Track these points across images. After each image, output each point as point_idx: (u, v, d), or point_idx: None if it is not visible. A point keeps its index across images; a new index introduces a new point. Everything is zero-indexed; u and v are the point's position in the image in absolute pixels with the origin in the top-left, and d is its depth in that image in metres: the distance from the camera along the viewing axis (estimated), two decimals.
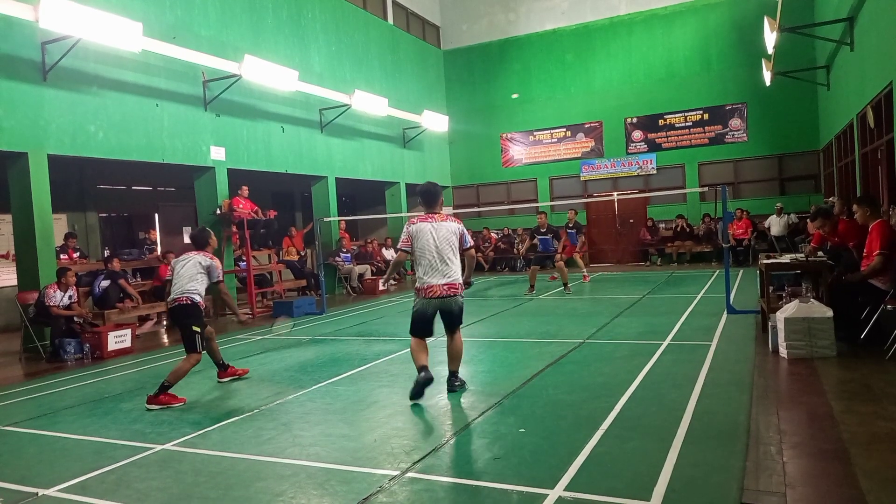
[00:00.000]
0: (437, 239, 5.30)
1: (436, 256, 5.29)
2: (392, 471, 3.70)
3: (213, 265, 5.97)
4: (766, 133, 17.28)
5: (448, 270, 5.30)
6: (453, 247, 5.37)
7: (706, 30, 17.84)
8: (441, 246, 5.30)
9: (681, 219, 17.43)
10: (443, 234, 5.33)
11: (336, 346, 8.12)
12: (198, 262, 5.92)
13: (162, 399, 5.53)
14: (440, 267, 5.28)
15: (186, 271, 5.88)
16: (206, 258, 5.99)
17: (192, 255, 6.02)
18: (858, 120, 10.86)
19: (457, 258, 5.39)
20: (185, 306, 5.81)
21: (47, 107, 9.15)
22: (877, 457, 3.49)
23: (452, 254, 5.35)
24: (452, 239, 5.37)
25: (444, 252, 5.30)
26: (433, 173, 20.24)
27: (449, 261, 5.31)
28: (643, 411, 4.51)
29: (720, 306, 8.86)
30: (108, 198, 15.06)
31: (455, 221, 5.47)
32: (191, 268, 5.89)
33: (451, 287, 5.29)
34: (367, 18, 17.20)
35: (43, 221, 9.09)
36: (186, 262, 5.94)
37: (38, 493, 3.72)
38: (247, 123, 12.81)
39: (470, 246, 5.49)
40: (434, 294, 5.28)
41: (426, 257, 5.30)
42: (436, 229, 5.33)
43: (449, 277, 5.29)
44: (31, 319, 8.69)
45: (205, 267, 5.93)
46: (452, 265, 5.33)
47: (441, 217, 5.44)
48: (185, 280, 5.84)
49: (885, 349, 5.67)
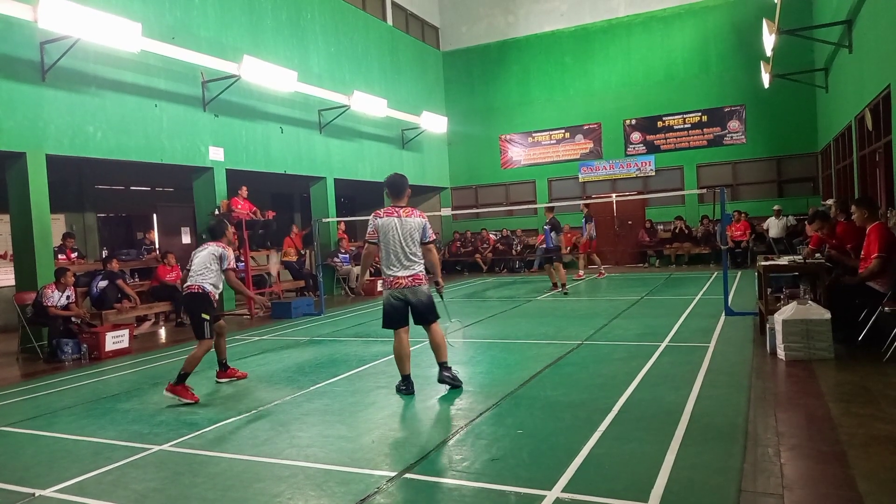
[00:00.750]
0: (401, 233, 5.42)
1: (400, 251, 5.41)
2: (390, 472, 3.69)
3: (224, 253, 6.05)
4: (765, 135, 17.31)
5: (411, 264, 5.43)
6: (416, 241, 5.48)
7: (705, 32, 17.87)
8: (405, 240, 5.42)
9: (679, 220, 17.45)
10: (407, 228, 5.45)
11: (334, 347, 8.11)
12: (211, 252, 6.02)
13: (178, 390, 5.66)
14: (403, 261, 5.42)
15: (200, 261, 6.02)
16: (218, 247, 6.07)
17: (207, 245, 6.14)
18: (857, 122, 10.88)
19: (418, 249, 5.50)
20: (195, 294, 5.91)
21: (46, 107, 9.14)
22: (875, 459, 3.49)
23: (416, 248, 5.48)
24: (416, 234, 5.48)
25: (407, 246, 5.42)
26: (432, 174, 20.26)
27: (413, 255, 5.44)
28: (641, 413, 4.51)
29: (718, 308, 8.87)
30: (107, 198, 15.05)
31: (419, 216, 5.55)
32: (204, 257, 6.01)
33: (416, 278, 5.43)
34: (367, 19, 17.21)
35: (41, 222, 9.07)
36: (201, 252, 6.10)
37: (35, 493, 3.72)
38: (246, 124, 12.80)
39: (430, 240, 5.56)
40: (397, 285, 5.41)
41: (391, 250, 5.43)
42: (401, 223, 5.44)
43: (412, 270, 5.43)
44: (28, 320, 8.67)
45: (217, 256, 6.02)
46: (416, 259, 5.47)
47: (406, 211, 5.53)
48: (199, 269, 5.98)
49: (882, 351, 5.68)
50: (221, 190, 12.14)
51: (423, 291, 5.48)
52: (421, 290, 5.46)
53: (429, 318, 5.54)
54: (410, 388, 5.51)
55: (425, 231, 5.54)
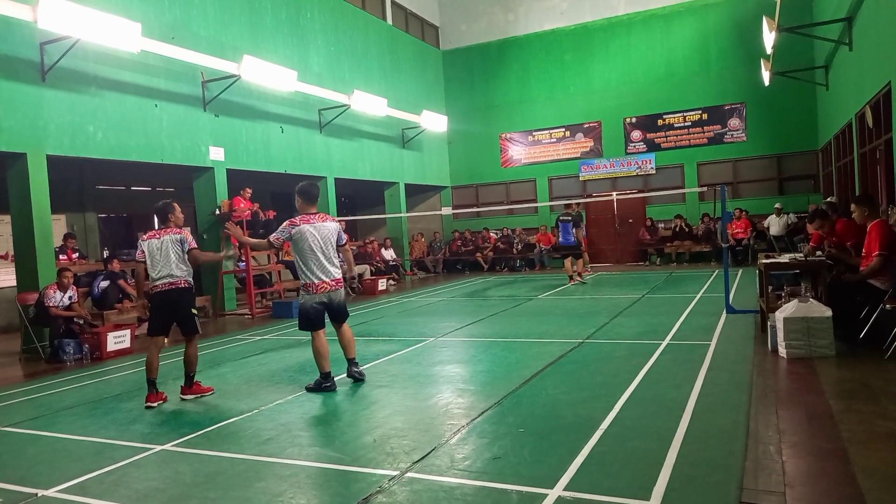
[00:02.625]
0: (320, 239, 5.71)
1: (321, 256, 5.71)
2: (391, 471, 3.70)
3: (183, 237, 5.76)
4: (765, 133, 17.29)
5: (333, 268, 5.77)
6: (334, 245, 5.82)
7: (705, 30, 17.86)
8: (325, 246, 5.74)
9: (680, 219, 17.44)
10: (324, 233, 5.75)
11: (335, 347, 8.09)
12: (174, 241, 5.72)
13: (195, 389, 5.81)
14: (326, 266, 5.73)
15: (166, 255, 5.68)
16: (175, 234, 5.76)
17: (162, 235, 5.75)
18: (857, 120, 10.87)
19: (335, 254, 5.83)
20: (184, 289, 5.78)
21: (46, 107, 9.14)
22: (876, 456, 3.49)
23: (334, 252, 5.81)
24: (332, 238, 5.80)
25: (328, 251, 5.75)
26: (432, 173, 20.26)
27: (332, 259, 5.79)
28: (642, 411, 4.51)
29: (719, 306, 8.87)
30: (107, 198, 15.06)
31: (333, 221, 5.87)
32: (168, 250, 5.69)
33: (337, 282, 5.80)
34: (366, 18, 17.20)
35: (42, 222, 9.08)
36: (162, 245, 5.70)
37: (37, 493, 3.72)
38: (246, 124, 12.81)
39: (345, 242, 5.95)
40: (322, 290, 5.71)
41: (313, 257, 5.69)
42: (317, 230, 5.72)
43: (334, 275, 5.77)
44: (30, 320, 8.68)
45: (178, 241, 5.74)
46: (336, 262, 5.83)
47: (321, 217, 5.83)
48: (172, 264, 5.68)
49: (884, 348, 5.67)
50: (222, 190, 12.15)
51: (340, 295, 5.87)
52: (340, 292, 5.87)
53: (343, 316, 5.95)
54: (333, 384, 5.76)
55: (340, 234, 5.90)
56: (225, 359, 7.69)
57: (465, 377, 5.96)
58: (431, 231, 20.38)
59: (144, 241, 5.80)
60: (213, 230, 12.20)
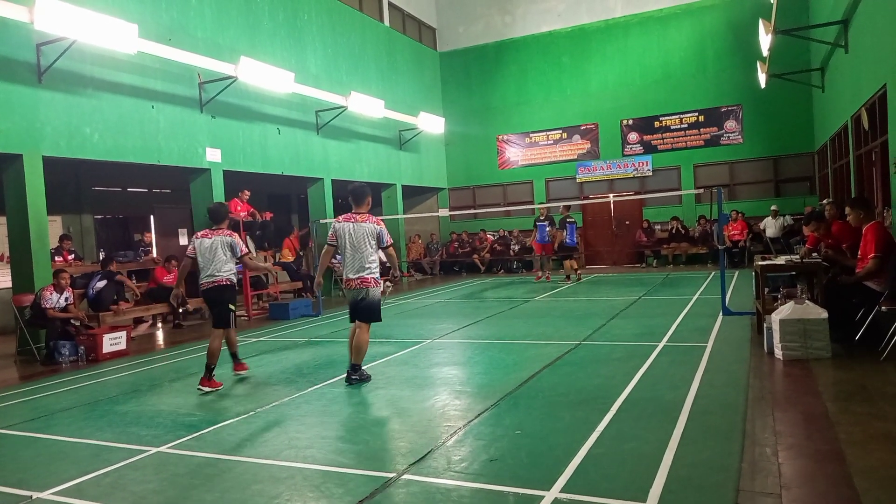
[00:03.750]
0: (354, 238, 5.91)
1: (352, 254, 5.92)
2: (388, 473, 3.69)
3: (234, 242, 6.37)
4: (762, 135, 17.34)
5: (362, 267, 5.90)
6: (370, 245, 5.93)
7: (702, 32, 17.91)
8: (358, 244, 5.90)
9: (676, 220, 17.48)
10: (360, 233, 5.92)
11: (332, 348, 8.11)
12: (224, 244, 6.31)
13: (213, 383, 6.12)
14: (355, 263, 5.91)
15: (216, 254, 6.27)
16: (226, 237, 6.35)
17: (214, 236, 6.34)
18: (853, 122, 10.91)
19: (371, 255, 5.94)
20: (226, 286, 6.30)
21: (42, 108, 9.12)
22: (872, 457, 3.50)
23: (369, 252, 5.92)
24: (369, 239, 5.93)
25: (360, 250, 5.90)
26: (429, 175, 20.26)
27: (365, 258, 5.90)
28: (639, 413, 4.52)
29: (716, 308, 8.88)
30: (104, 200, 15.02)
31: (374, 222, 5.98)
32: (219, 250, 6.28)
33: (363, 281, 5.91)
34: (364, 20, 17.21)
35: (38, 223, 9.05)
36: (213, 243, 6.30)
37: (32, 496, 3.71)
38: (243, 125, 12.79)
39: (387, 244, 6.04)
40: (349, 286, 5.96)
41: (346, 254, 5.98)
42: (354, 229, 5.94)
43: (361, 273, 5.90)
44: (26, 322, 8.65)
45: (228, 244, 6.33)
46: (366, 262, 5.91)
47: (362, 217, 6.01)
48: (220, 262, 6.27)
49: (879, 350, 5.69)
50: (219, 191, 12.12)
51: (367, 293, 5.94)
52: (365, 291, 5.94)
53: (364, 316, 6.00)
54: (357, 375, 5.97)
55: (381, 236, 5.97)
56: (221, 360, 7.64)
57: (462, 379, 5.96)
58: (428, 233, 20.38)
59: (197, 239, 6.40)
60: None
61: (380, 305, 6.06)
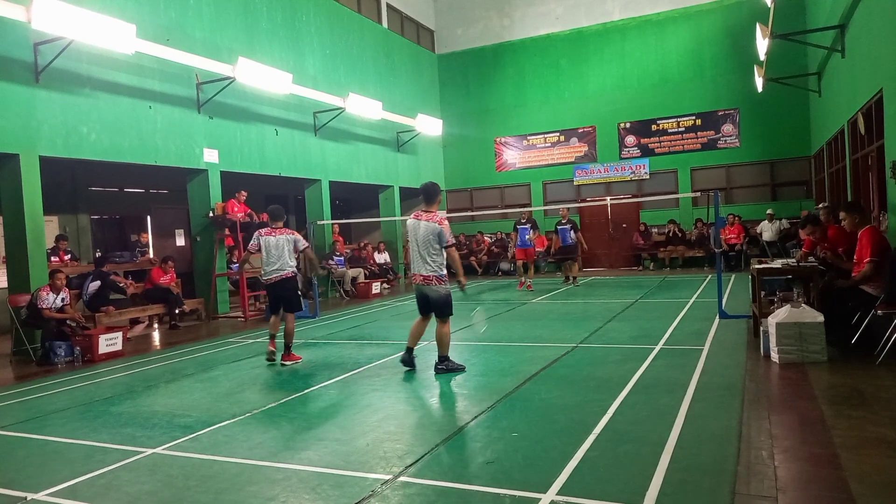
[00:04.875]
0: (416, 236, 6.18)
1: (414, 251, 6.23)
2: (384, 475, 3.69)
3: (297, 238, 7.28)
4: (758, 139, 17.38)
5: (422, 264, 6.16)
6: (431, 243, 6.12)
7: (699, 36, 17.95)
8: (419, 242, 6.15)
9: (673, 224, 17.51)
10: (421, 231, 6.15)
11: (329, 350, 8.10)
12: (289, 240, 7.19)
13: (293, 356, 7.15)
14: (417, 260, 6.21)
15: (281, 249, 7.12)
16: (290, 235, 7.23)
17: (277, 234, 7.17)
18: (849, 126, 10.94)
19: (435, 253, 6.14)
20: (290, 278, 7.21)
21: (39, 108, 9.10)
22: (867, 461, 3.51)
23: (430, 249, 6.13)
24: (429, 237, 6.12)
25: (421, 248, 6.15)
26: (427, 177, 20.09)
27: (426, 255, 6.14)
28: (635, 416, 4.52)
29: (712, 311, 8.90)
30: (100, 200, 14.96)
31: (436, 221, 6.11)
32: (284, 245, 7.15)
33: (425, 278, 6.18)
34: (362, 22, 17.21)
35: (34, 223, 9.02)
36: (279, 241, 7.14)
37: (26, 497, 3.69)
38: (240, 126, 12.78)
39: (448, 244, 6.17)
40: (414, 281, 6.31)
41: (412, 251, 6.29)
42: (417, 227, 6.19)
43: (421, 270, 6.17)
44: (21, 322, 8.62)
45: (293, 241, 7.21)
46: (428, 258, 6.14)
47: (427, 216, 6.21)
48: (286, 256, 7.15)
49: (875, 354, 5.71)
50: (216, 192, 12.11)
51: (430, 289, 6.20)
52: (428, 288, 6.20)
53: (433, 311, 6.31)
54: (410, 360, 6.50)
55: (441, 236, 6.13)
56: (218, 361, 7.66)
57: (459, 381, 5.96)
58: None
59: (262, 237, 7.18)
60: (207, 232, 12.16)
61: (448, 300, 6.26)
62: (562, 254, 14.51)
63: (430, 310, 6.33)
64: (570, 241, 13.99)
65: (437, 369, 6.28)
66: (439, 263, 6.16)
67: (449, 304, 6.26)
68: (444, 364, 6.28)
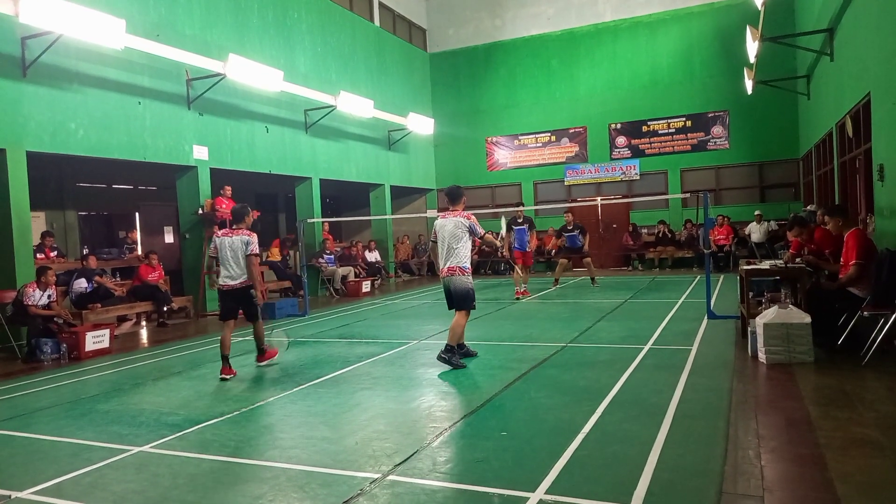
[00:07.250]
0: (443, 233, 6.52)
1: (441, 247, 6.54)
2: (373, 473, 3.68)
3: (249, 240, 6.62)
4: (748, 141, 17.51)
5: (448, 259, 6.48)
6: (458, 236, 6.43)
7: (689, 38, 18.05)
8: (446, 238, 6.49)
9: (663, 224, 17.60)
10: (448, 228, 6.49)
11: (318, 349, 8.07)
12: (243, 241, 6.59)
13: (269, 354, 6.99)
14: (444, 256, 6.52)
15: (236, 251, 6.57)
16: (245, 236, 6.63)
17: (234, 234, 6.62)
18: (837, 129, 11.04)
19: (458, 247, 6.44)
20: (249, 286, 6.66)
21: (26, 103, 9.01)
22: (852, 461, 3.54)
23: (454, 245, 6.44)
24: (456, 232, 6.44)
25: (447, 244, 6.48)
26: (418, 176, 20.25)
27: (451, 251, 6.46)
28: (623, 416, 4.54)
29: (701, 311, 8.95)
30: (88, 196, 14.86)
31: (463, 216, 6.45)
32: (239, 247, 6.57)
33: (451, 270, 6.49)
34: (354, 20, 17.17)
35: (21, 219, 8.94)
36: (233, 242, 6.60)
37: (11, 495, 3.66)
38: (230, 123, 12.72)
39: (480, 234, 6.55)
40: (442, 275, 6.59)
41: (439, 248, 6.60)
42: (444, 224, 6.53)
43: (447, 264, 6.49)
44: (7, 319, 8.53)
45: (246, 243, 6.61)
46: (453, 253, 6.45)
47: (453, 213, 6.57)
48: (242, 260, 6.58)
49: (861, 355, 5.76)
50: (205, 189, 12.04)
51: (454, 282, 6.49)
52: (452, 280, 6.49)
53: (455, 303, 6.58)
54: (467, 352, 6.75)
55: (473, 228, 6.46)
56: (206, 360, 7.62)
57: (449, 380, 5.96)
58: (416, 233, 20.36)
59: (218, 238, 6.70)
60: (196, 230, 12.09)
61: (470, 294, 6.50)
62: (570, 253, 14.10)
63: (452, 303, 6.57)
64: (579, 244, 13.82)
65: (439, 356, 6.44)
66: (464, 255, 6.44)
67: (469, 298, 6.49)
68: (448, 355, 6.38)
